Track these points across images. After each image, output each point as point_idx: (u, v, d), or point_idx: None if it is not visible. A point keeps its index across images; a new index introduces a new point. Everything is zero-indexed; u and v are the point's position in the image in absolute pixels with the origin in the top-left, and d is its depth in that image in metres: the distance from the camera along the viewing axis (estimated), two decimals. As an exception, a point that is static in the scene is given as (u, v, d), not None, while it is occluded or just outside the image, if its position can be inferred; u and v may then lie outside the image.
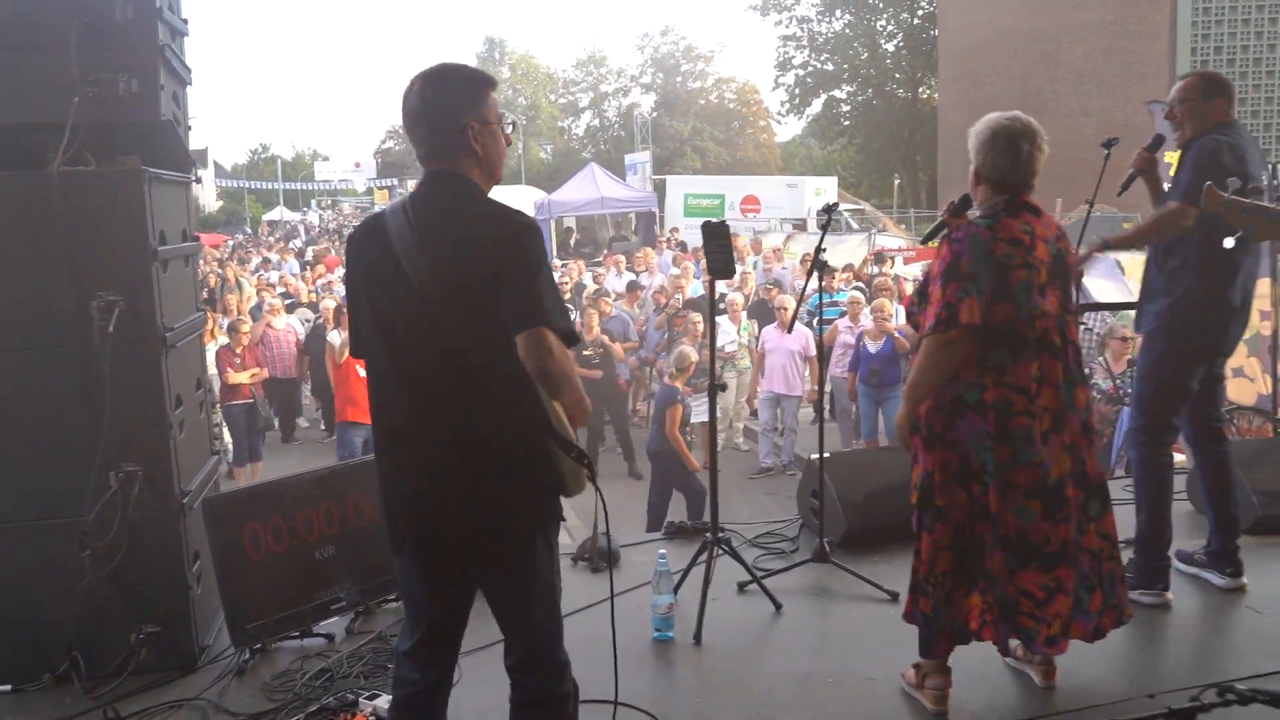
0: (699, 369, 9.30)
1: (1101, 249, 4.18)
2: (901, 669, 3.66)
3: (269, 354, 12.00)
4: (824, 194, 29.40)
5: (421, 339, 2.58)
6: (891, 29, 50.78)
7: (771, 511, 7.43)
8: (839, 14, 50.76)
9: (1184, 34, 30.59)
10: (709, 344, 4.85)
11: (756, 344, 11.66)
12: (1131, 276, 10.08)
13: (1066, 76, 32.49)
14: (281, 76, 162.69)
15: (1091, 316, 8.99)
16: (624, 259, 18.18)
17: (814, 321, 8.22)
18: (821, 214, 4.79)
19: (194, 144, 4.93)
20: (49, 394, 3.77)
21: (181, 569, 3.95)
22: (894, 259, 17.18)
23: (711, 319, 4.89)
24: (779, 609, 4.41)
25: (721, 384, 6.11)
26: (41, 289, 3.72)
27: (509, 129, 2.78)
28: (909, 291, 10.17)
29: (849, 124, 52.70)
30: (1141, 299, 4.40)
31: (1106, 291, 9.53)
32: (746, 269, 16.19)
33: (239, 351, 10.88)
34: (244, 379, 10.77)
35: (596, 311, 11.91)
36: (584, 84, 62.77)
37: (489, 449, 2.59)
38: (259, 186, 64.01)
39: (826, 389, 11.05)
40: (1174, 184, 4.21)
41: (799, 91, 52.15)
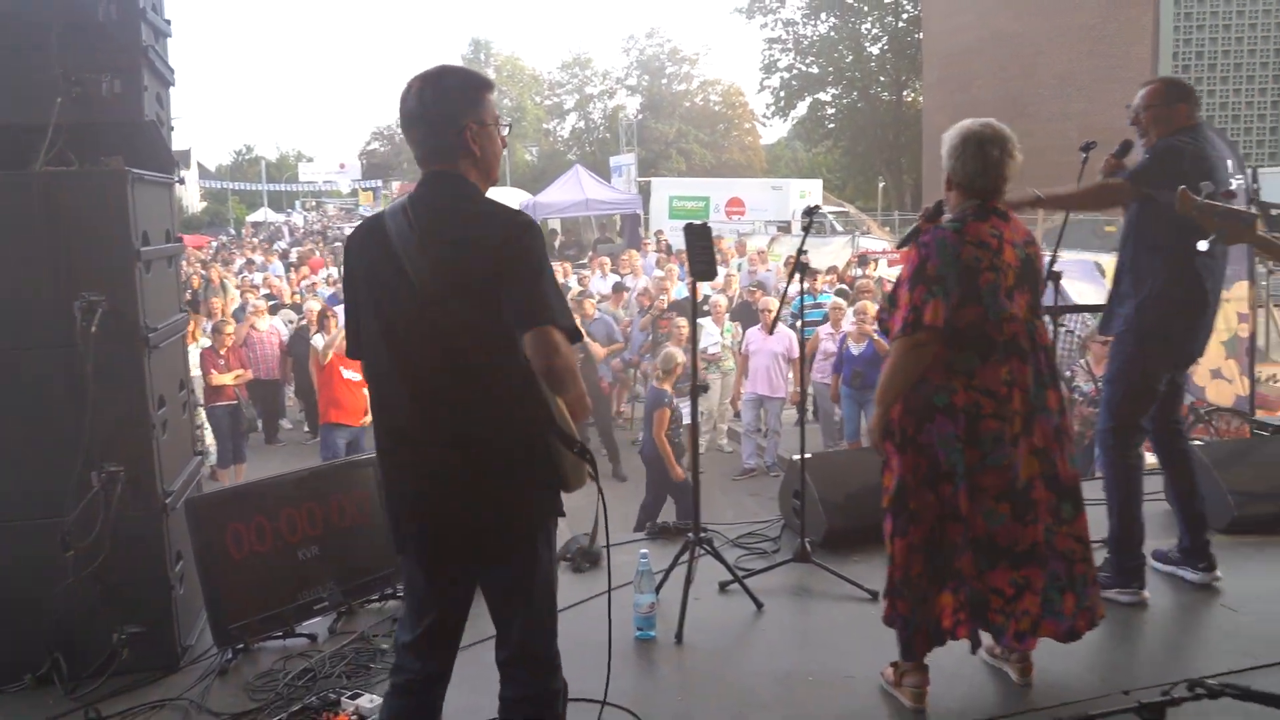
0: (686, 370, 9.30)
1: (1033, 203, 4.13)
2: (880, 668, 3.69)
3: (252, 355, 12.00)
4: (809, 196, 29.48)
5: (423, 339, 2.60)
6: (876, 32, 51.00)
7: (755, 512, 7.43)
8: (824, 17, 50.91)
9: (1166, 39, 30.85)
10: (691, 345, 4.87)
11: (740, 346, 11.71)
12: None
13: (1049, 80, 32.69)
14: (266, 77, 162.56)
15: (1073, 319, 9.05)
16: (609, 261, 18.20)
17: (797, 324, 8.25)
18: (803, 217, 4.82)
19: (177, 145, 4.94)
20: (31, 394, 3.77)
21: (164, 569, 3.95)
22: (877, 261, 17.29)
23: (693, 321, 4.92)
24: (760, 608, 4.44)
25: (704, 385, 6.16)
26: (23, 289, 3.72)
27: (504, 131, 2.81)
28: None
29: (834, 127, 52.84)
30: (1110, 302, 4.44)
31: (1086, 294, 9.60)
32: (731, 271, 16.24)
33: (223, 353, 10.86)
34: (228, 380, 10.75)
35: (580, 314, 11.93)
36: (569, 86, 62.75)
37: (490, 448, 2.62)
38: (243, 188, 63.76)
39: (809, 391, 11.11)
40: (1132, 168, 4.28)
41: (784, 94, 52.27)
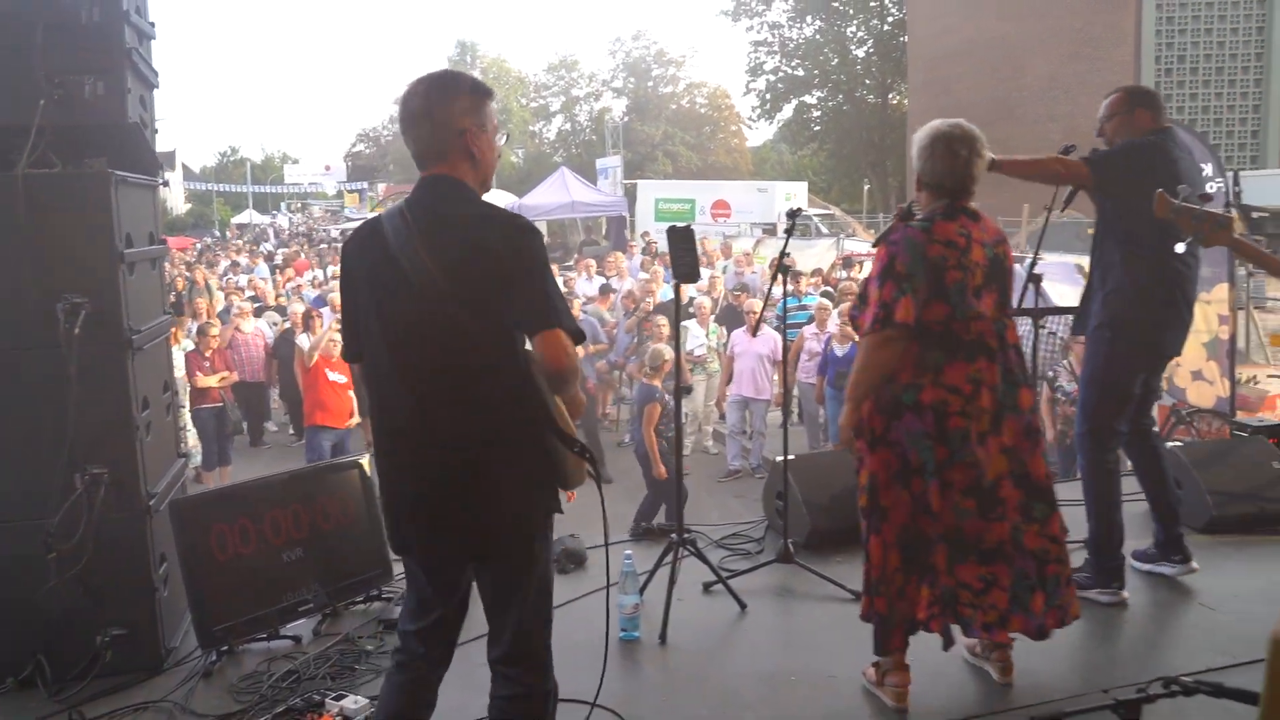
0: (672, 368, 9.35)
1: (990, 168, 4.17)
2: (863, 667, 3.72)
3: (237, 358, 11.96)
4: (794, 199, 29.57)
5: (424, 341, 2.62)
6: (862, 35, 51.12)
7: (739, 513, 7.44)
8: (810, 20, 51.03)
9: (1148, 42, 31.04)
10: (674, 348, 4.89)
11: (725, 348, 11.73)
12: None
13: (1033, 83, 32.84)
14: (251, 79, 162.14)
15: (1056, 320, 9.10)
16: (594, 263, 18.21)
17: (784, 325, 8.27)
18: (786, 219, 4.85)
19: (162, 146, 4.94)
20: (14, 396, 3.76)
21: (148, 571, 3.95)
22: (862, 263, 17.28)
23: (677, 323, 4.94)
24: (744, 609, 4.46)
25: (687, 387, 6.18)
26: (6, 291, 3.71)
27: (501, 141, 2.84)
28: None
29: (819, 129, 52.97)
30: (1082, 301, 4.48)
31: (1067, 296, 9.63)
32: (716, 273, 16.27)
33: (208, 355, 10.84)
34: (213, 383, 10.72)
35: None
36: (555, 88, 62.73)
37: (491, 448, 2.64)
38: (228, 189, 63.50)
39: (794, 393, 11.15)
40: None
41: (770, 97, 52.37)
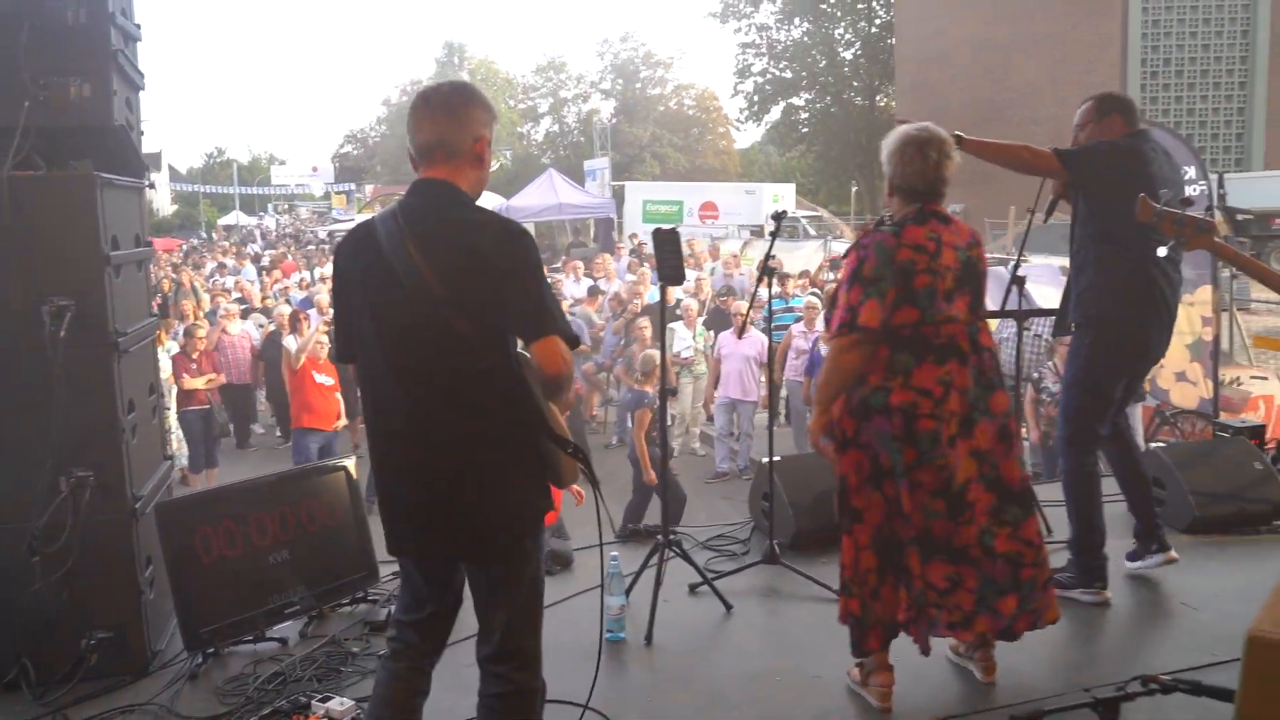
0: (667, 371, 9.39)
1: (957, 144, 4.16)
2: (848, 667, 3.73)
3: (224, 360, 11.93)
4: (781, 200, 29.62)
5: (418, 344, 2.64)
6: (849, 38, 51.17)
7: (727, 515, 7.47)
8: (798, 22, 51.07)
9: (1134, 46, 31.18)
10: (660, 350, 4.91)
11: (713, 350, 11.75)
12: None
13: (1021, 86, 32.92)
14: (238, 80, 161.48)
15: (1040, 322, 9.14)
16: (582, 265, 18.22)
17: (770, 327, 8.31)
18: (771, 222, 4.87)
19: (148, 147, 4.93)
20: (-1, 399, 3.76)
21: (133, 574, 3.95)
22: (849, 266, 17.31)
23: (663, 325, 4.95)
24: (729, 610, 4.48)
25: (671, 389, 6.22)
26: (-9, 293, 3.70)
27: (494, 166, 2.85)
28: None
29: (807, 131, 52.99)
30: (1061, 302, 4.51)
31: (1051, 298, 9.68)
32: (703, 275, 16.29)
33: (195, 357, 10.81)
34: (200, 385, 10.70)
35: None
36: (543, 90, 62.62)
37: (486, 451, 2.67)
38: (214, 191, 63.26)
39: (782, 394, 11.18)
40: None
41: (758, 98, 52.41)
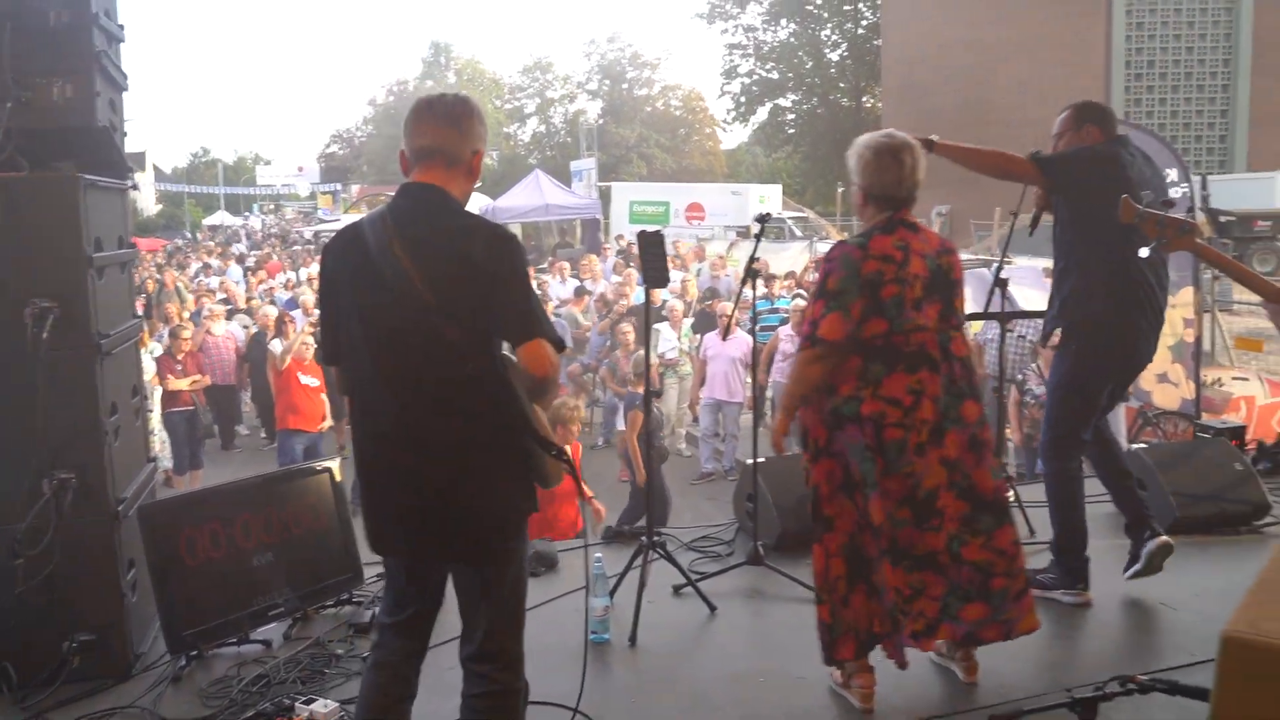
0: (657, 372, 9.51)
1: (928, 148, 4.05)
2: (830, 669, 3.74)
3: (208, 361, 11.91)
4: (767, 201, 29.66)
5: (405, 347, 2.66)
6: (836, 39, 51.32)
7: (712, 516, 7.51)
8: (784, 23, 51.20)
9: (1118, 48, 31.36)
10: (643, 352, 4.93)
11: (698, 351, 11.78)
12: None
13: (1006, 87, 33.03)
14: (223, 79, 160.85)
15: (1024, 324, 9.21)
16: (568, 265, 18.23)
17: (755, 328, 8.34)
18: (755, 224, 4.89)
19: (132, 147, 4.92)
20: (-19, 401, 3.74)
21: (116, 576, 3.93)
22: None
23: (647, 328, 4.96)
24: (713, 611, 4.49)
25: (655, 391, 6.24)
26: (-27, 296, 3.69)
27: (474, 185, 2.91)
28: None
29: (794, 132, 53.12)
30: (1047, 310, 4.50)
31: (1034, 300, 9.75)
32: (689, 276, 16.31)
33: (180, 358, 10.79)
34: (184, 386, 10.68)
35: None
36: (530, 90, 62.63)
37: (472, 454, 2.70)
38: (199, 191, 63.03)
39: (768, 394, 11.20)
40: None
41: (745, 99, 52.52)
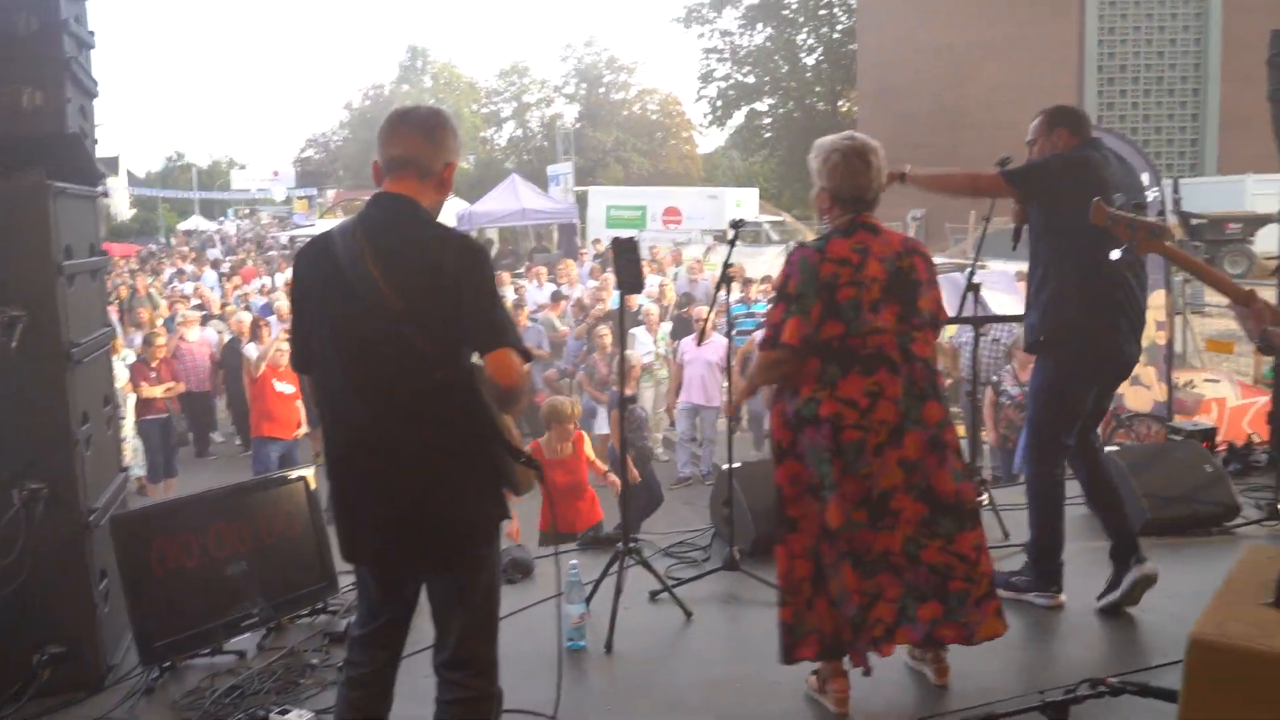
0: (641, 372, 9.62)
1: (900, 179, 4.10)
2: (805, 674, 3.75)
3: (182, 367, 11.80)
4: (744, 205, 29.68)
5: (375, 356, 2.68)
6: (812, 43, 51.43)
7: (689, 521, 7.48)
8: (760, 28, 51.26)
9: (1091, 52, 31.63)
10: (619, 358, 4.93)
11: (675, 355, 11.77)
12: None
13: (982, 91, 33.19)
14: (198, 83, 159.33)
15: (999, 327, 9.28)
16: (545, 270, 18.20)
17: (731, 333, 8.33)
18: (730, 229, 4.90)
19: (105, 151, 4.89)
20: (-51, 412, 3.70)
21: (87, 588, 3.90)
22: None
23: (622, 333, 4.97)
24: (690, 616, 4.50)
25: (630, 397, 6.27)
26: (-59, 305, 3.65)
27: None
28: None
29: (770, 136, 53.19)
30: (1025, 315, 4.51)
31: (1006, 304, 9.83)
32: (666, 280, 16.30)
33: (154, 365, 10.70)
34: (158, 393, 10.59)
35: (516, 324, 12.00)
36: (507, 94, 62.44)
37: (443, 462, 2.72)
38: (174, 195, 62.49)
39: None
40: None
41: (721, 103, 52.56)
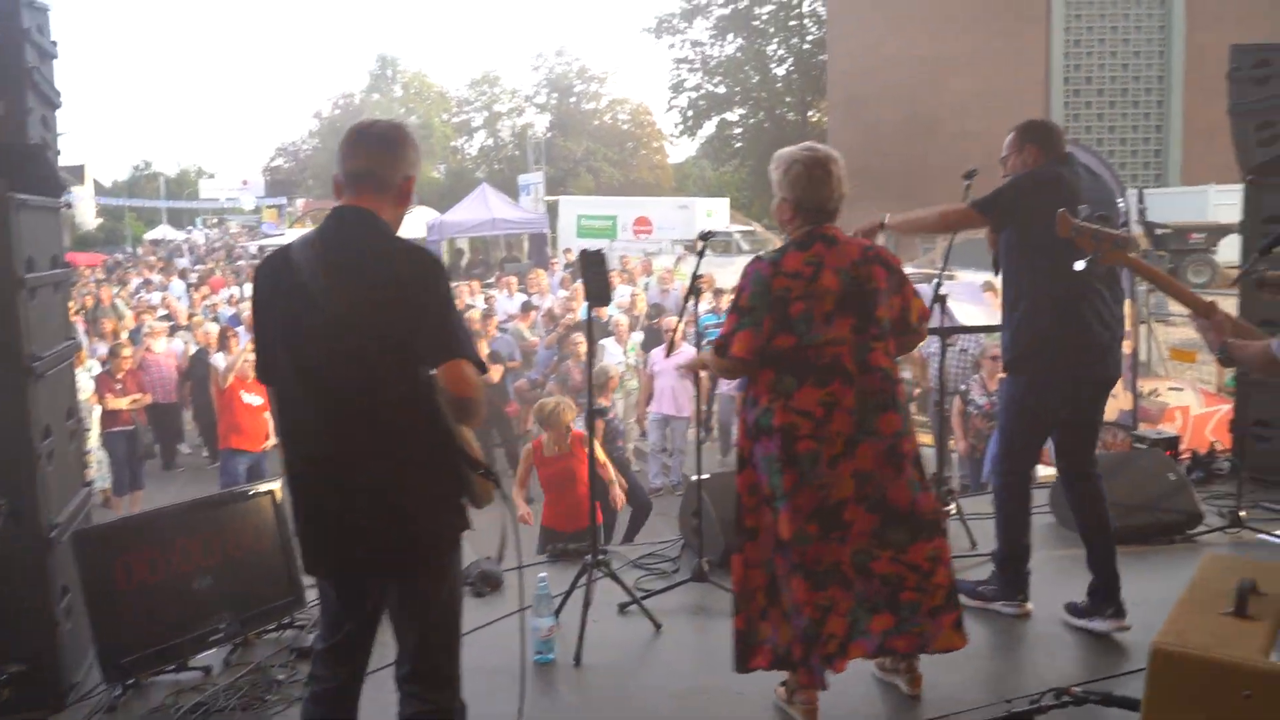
0: (619, 384, 9.66)
1: (879, 229, 4.16)
2: (774, 685, 3.75)
3: (149, 379, 11.67)
4: (715, 215, 29.77)
5: (333, 369, 2.69)
6: (782, 54, 51.68)
7: (661, 531, 7.48)
8: (731, 38, 51.48)
9: (1057, 64, 31.97)
10: (588, 368, 4.94)
11: (645, 365, 11.77)
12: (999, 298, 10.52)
13: (951, 102, 33.41)
14: (166, 90, 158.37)
15: (967, 338, 9.36)
16: (515, 280, 18.15)
17: (701, 343, 8.36)
18: (698, 241, 4.93)
19: (71, 159, 4.85)
20: (-93, 426, 3.65)
21: (49, 604, 3.85)
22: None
23: (590, 345, 4.98)
24: (659, 628, 4.50)
25: (600, 409, 6.27)
26: (-100, 318, 3.61)
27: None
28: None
29: (741, 146, 53.36)
30: (1000, 334, 4.52)
31: (973, 315, 9.91)
32: (637, 290, 16.29)
33: (119, 377, 10.59)
34: (124, 405, 10.48)
35: (485, 334, 12.01)
36: (478, 103, 62.31)
37: (402, 473, 2.72)
38: (141, 204, 61.92)
39: (714, 408, 11.24)
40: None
41: (692, 113, 52.71)
